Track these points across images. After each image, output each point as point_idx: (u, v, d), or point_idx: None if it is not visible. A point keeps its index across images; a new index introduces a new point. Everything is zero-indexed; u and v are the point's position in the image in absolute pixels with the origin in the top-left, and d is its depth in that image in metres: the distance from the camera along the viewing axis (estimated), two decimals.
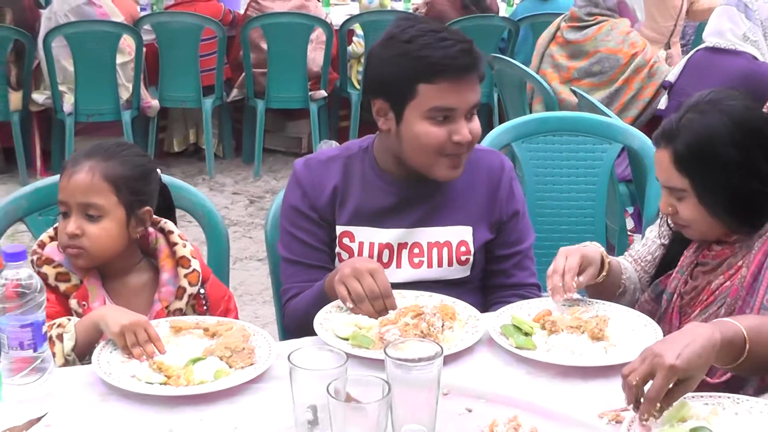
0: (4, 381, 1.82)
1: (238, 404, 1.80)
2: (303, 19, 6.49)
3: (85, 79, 6.19)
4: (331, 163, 2.42)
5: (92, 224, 2.19)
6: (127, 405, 1.79)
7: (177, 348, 1.98)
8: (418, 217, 2.39)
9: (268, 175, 6.72)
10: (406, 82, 2.23)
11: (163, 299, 2.27)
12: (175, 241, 2.32)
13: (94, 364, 1.89)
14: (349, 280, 2.08)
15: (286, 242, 2.43)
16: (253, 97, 6.64)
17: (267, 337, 2.01)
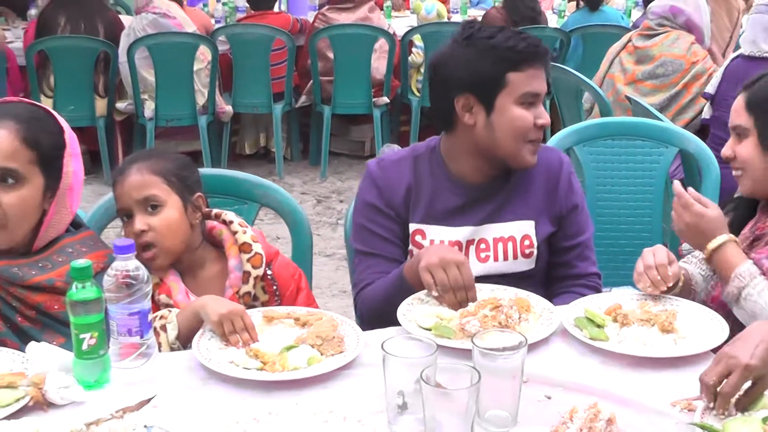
0: (113, 365, 1.84)
1: (330, 389, 1.80)
2: (367, 30, 6.49)
3: (165, 87, 6.24)
4: (401, 163, 2.44)
5: (155, 217, 2.23)
6: (227, 388, 1.80)
7: (270, 336, 1.99)
8: (484, 215, 2.39)
9: (334, 176, 6.73)
10: (495, 73, 2.28)
11: (233, 285, 2.29)
12: (236, 230, 2.34)
13: (195, 350, 1.91)
14: (436, 269, 2.07)
15: (362, 237, 2.44)
16: (320, 103, 6.65)
17: (354, 327, 2.01)
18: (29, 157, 2.03)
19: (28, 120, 2.05)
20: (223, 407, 1.73)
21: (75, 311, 1.78)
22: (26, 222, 2.06)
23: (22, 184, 2.03)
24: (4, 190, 2.01)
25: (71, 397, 1.75)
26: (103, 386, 1.81)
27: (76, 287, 1.77)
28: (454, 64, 2.33)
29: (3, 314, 2.05)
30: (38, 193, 2.06)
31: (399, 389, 1.62)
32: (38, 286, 2.05)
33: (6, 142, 2.00)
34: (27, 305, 2.06)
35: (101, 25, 6.49)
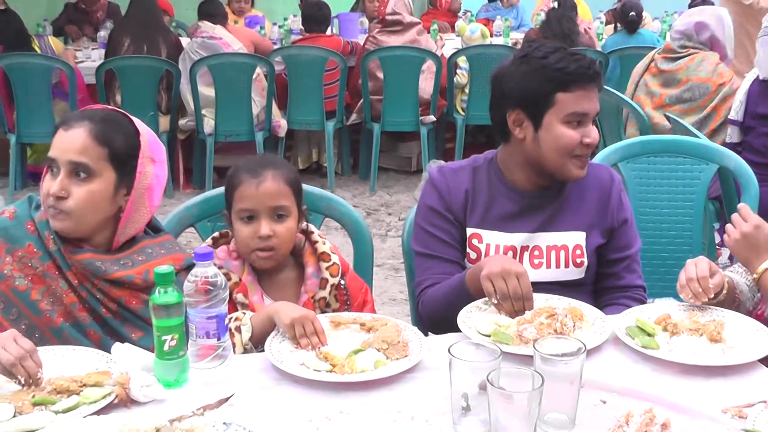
0: (191, 365, 1.87)
1: (396, 391, 1.81)
2: (415, 52, 6.52)
3: (224, 104, 6.31)
4: (461, 171, 2.46)
5: (280, 225, 2.26)
6: (299, 389, 1.82)
7: (338, 340, 2.01)
8: (538, 223, 2.40)
9: (382, 190, 6.74)
10: (544, 92, 2.29)
11: (309, 290, 2.31)
12: (316, 239, 2.37)
13: (267, 352, 1.93)
14: (497, 279, 2.07)
15: (422, 239, 2.45)
16: (370, 120, 6.69)
17: (417, 332, 2.02)
18: (100, 154, 2.07)
19: (101, 121, 2.11)
20: (296, 406, 1.74)
21: (158, 314, 1.81)
22: (95, 214, 2.10)
23: (93, 179, 2.07)
24: (75, 183, 2.06)
25: (153, 395, 1.78)
26: (182, 385, 1.84)
27: (159, 292, 1.80)
28: (509, 79, 2.36)
29: (88, 305, 2.10)
30: (108, 189, 2.10)
31: (463, 392, 1.62)
32: (119, 281, 2.10)
33: (79, 138, 2.06)
34: (110, 298, 2.11)
35: (163, 47, 6.61)
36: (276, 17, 9.04)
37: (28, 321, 2.05)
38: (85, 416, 1.66)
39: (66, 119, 2.12)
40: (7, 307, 2.04)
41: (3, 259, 2.05)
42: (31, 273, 2.07)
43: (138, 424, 1.55)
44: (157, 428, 1.55)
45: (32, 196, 2.19)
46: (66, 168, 2.06)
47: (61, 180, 2.05)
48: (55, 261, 2.08)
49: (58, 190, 2.04)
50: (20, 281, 2.05)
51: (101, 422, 1.58)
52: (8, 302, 2.04)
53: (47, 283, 2.07)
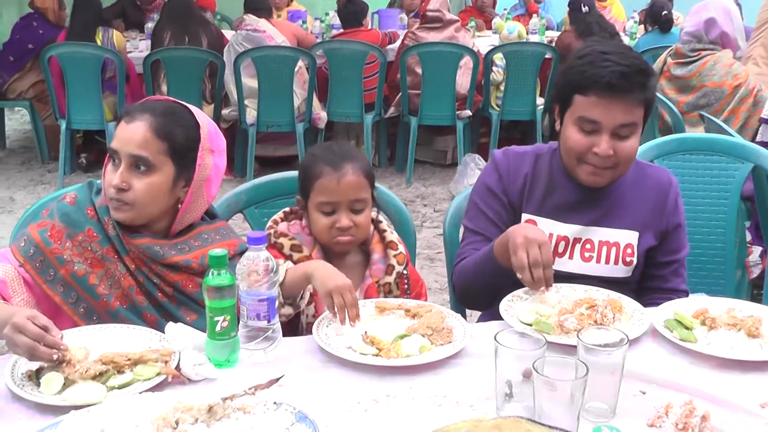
0: (242, 346, 1.87)
1: (440, 376, 1.80)
2: (454, 48, 6.49)
3: (266, 95, 6.34)
4: (524, 156, 2.45)
5: (359, 216, 2.28)
6: (345, 372, 1.82)
7: (383, 325, 2.01)
8: (592, 218, 2.37)
9: (418, 182, 6.73)
10: (567, 91, 2.27)
11: (374, 275, 2.33)
12: (384, 229, 2.40)
13: (315, 335, 1.93)
14: (520, 251, 2.05)
15: (473, 216, 2.45)
16: (408, 114, 6.68)
17: (460, 319, 2.02)
18: (159, 148, 2.08)
19: (162, 114, 2.10)
20: (344, 388, 1.75)
21: (210, 296, 1.82)
22: (154, 205, 2.11)
23: (152, 172, 2.08)
24: (136, 176, 2.07)
25: (204, 374, 1.79)
26: (233, 365, 1.85)
27: (213, 274, 1.81)
28: (557, 75, 2.37)
29: (145, 289, 2.11)
30: (167, 181, 2.10)
31: (507, 379, 1.62)
32: (176, 265, 2.11)
33: (139, 132, 2.07)
34: (166, 282, 2.12)
35: (205, 38, 6.66)
36: (317, 12, 9.05)
37: (86, 304, 2.06)
38: (140, 392, 1.67)
39: (128, 111, 2.12)
40: (67, 291, 2.06)
41: (63, 244, 2.07)
42: (90, 257, 2.08)
43: (191, 402, 1.55)
44: (210, 406, 1.55)
45: (92, 181, 2.20)
46: (127, 160, 2.07)
47: (121, 172, 2.06)
48: (114, 245, 2.10)
49: (119, 182, 2.06)
50: (79, 266, 2.07)
51: (156, 399, 1.59)
52: (68, 286, 2.06)
53: (106, 267, 2.09)
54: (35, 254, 2.06)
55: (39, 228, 2.09)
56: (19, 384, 1.72)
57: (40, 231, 2.08)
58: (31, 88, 7.04)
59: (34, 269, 2.06)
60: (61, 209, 2.11)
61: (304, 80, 6.47)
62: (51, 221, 2.10)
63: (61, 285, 2.06)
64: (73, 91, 6.42)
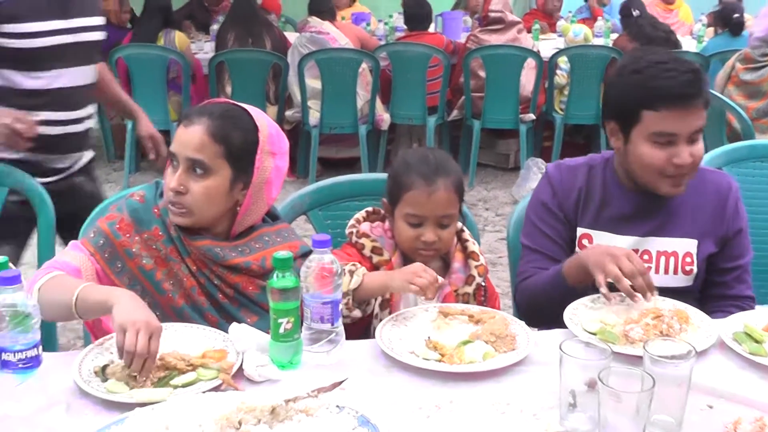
0: (305, 348, 1.89)
1: (504, 383, 1.79)
2: (517, 51, 6.46)
3: (330, 97, 6.38)
4: (578, 168, 2.42)
5: (445, 231, 2.27)
6: (408, 376, 1.82)
7: (447, 330, 2.00)
8: (649, 228, 2.33)
9: (480, 185, 6.71)
10: (632, 108, 2.21)
11: (453, 283, 2.32)
12: (467, 239, 2.39)
13: (378, 339, 1.93)
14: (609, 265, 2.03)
15: (530, 233, 2.43)
16: (470, 117, 6.66)
17: (524, 327, 2.00)
18: (216, 151, 2.09)
19: (219, 117, 2.12)
20: (406, 393, 1.75)
21: (274, 298, 1.83)
22: (211, 209, 2.13)
23: (209, 175, 2.10)
24: (193, 179, 2.09)
25: (267, 375, 1.80)
26: (296, 367, 1.86)
27: (277, 276, 1.82)
28: (610, 89, 2.33)
29: (206, 290, 2.13)
30: (225, 184, 2.12)
31: (571, 388, 1.60)
32: (237, 267, 2.13)
33: (197, 136, 2.09)
34: (226, 284, 2.14)
35: (267, 40, 6.73)
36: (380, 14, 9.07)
37: (151, 299, 2.09)
38: (204, 392, 1.69)
39: (187, 114, 2.14)
40: (133, 284, 2.09)
41: (132, 238, 2.11)
42: (155, 255, 2.11)
43: (255, 403, 1.57)
44: (273, 407, 1.56)
45: (159, 181, 2.23)
46: (184, 164, 2.09)
47: (179, 176, 2.09)
48: (176, 246, 2.13)
49: (177, 185, 2.08)
50: (147, 260, 2.10)
51: (219, 398, 1.61)
52: (134, 279, 2.10)
53: (169, 266, 2.12)
54: (104, 245, 2.10)
55: (108, 221, 2.13)
56: (86, 380, 1.76)
57: (109, 223, 2.12)
58: None
59: (103, 259, 2.10)
60: (131, 205, 2.15)
61: (368, 82, 6.50)
62: (120, 215, 2.14)
63: (127, 277, 2.10)
64: (138, 92, 6.52)
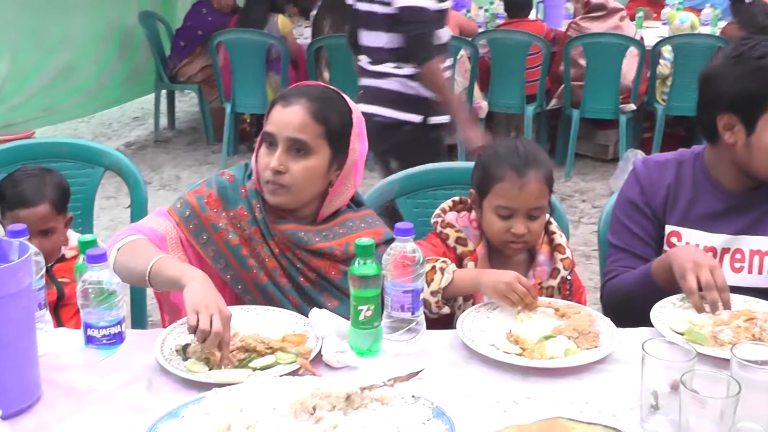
0: (384, 336, 1.88)
1: (584, 381, 1.75)
2: (619, 39, 6.30)
3: None
4: (666, 164, 2.34)
5: (534, 223, 2.23)
6: (487, 369, 1.80)
7: (530, 324, 1.97)
8: (742, 225, 2.25)
9: (577, 176, 6.59)
10: (760, 94, 2.11)
11: (537, 276, 2.28)
12: (554, 231, 2.34)
13: (459, 330, 1.92)
14: (689, 274, 1.97)
15: (617, 231, 2.37)
16: (570, 106, 6.55)
17: (609, 324, 1.95)
18: (317, 131, 2.11)
19: (318, 98, 2.13)
20: (484, 386, 1.73)
21: (355, 284, 1.83)
22: (310, 189, 2.14)
23: (310, 155, 2.11)
24: (293, 159, 2.10)
25: (346, 362, 1.81)
26: (375, 355, 1.86)
27: (359, 263, 1.82)
28: (722, 81, 2.18)
29: (288, 272, 2.15)
30: (324, 165, 2.13)
31: (653, 389, 1.56)
32: (320, 251, 2.15)
33: (298, 116, 2.10)
34: (309, 268, 2.15)
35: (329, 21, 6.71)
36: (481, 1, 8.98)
37: (234, 272, 2.13)
38: (281, 375, 1.70)
39: (284, 95, 2.16)
40: (217, 256, 2.13)
41: (219, 213, 2.14)
42: (239, 233, 2.14)
43: (330, 389, 1.57)
44: (348, 394, 1.56)
45: (248, 163, 2.26)
46: (284, 144, 2.10)
47: (279, 155, 2.10)
48: (260, 228, 2.15)
49: (277, 165, 2.09)
50: (233, 236, 2.13)
51: (295, 383, 1.62)
52: (218, 252, 2.13)
53: (252, 246, 2.14)
54: (190, 216, 2.14)
55: (196, 194, 2.17)
56: (167, 358, 1.79)
57: (197, 197, 2.16)
58: (199, 72, 7.34)
59: (188, 230, 2.14)
60: (220, 183, 2.18)
61: (466, 69, 6.45)
62: (209, 190, 2.17)
63: (212, 249, 2.13)
64: (238, 76, 6.65)
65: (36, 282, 1.78)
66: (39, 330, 1.77)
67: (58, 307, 2.56)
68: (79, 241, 1.93)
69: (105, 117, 8.37)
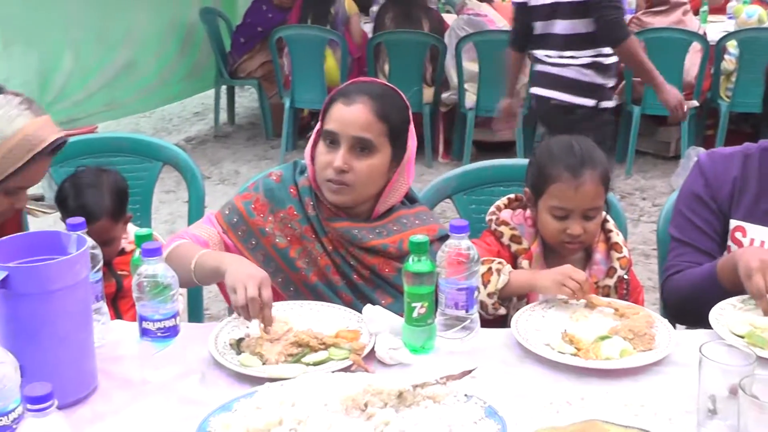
0: (438, 334, 1.87)
1: (640, 383, 1.72)
2: (682, 34, 6.20)
3: (486, 80, 6.31)
4: (732, 157, 2.29)
5: (590, 223, 2.20)
6: (541, 369, 1.78)
7: (585, 324, 1.95)
8: None
9: (638, 174, 6.48)
10: None
11: (594, 275, 2.25)
12: (610, 229, 2.31)
13: (513, 329, 1.90)
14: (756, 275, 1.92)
15: (681, 224, 2.32)
16: (630, 103, 6.45)
17: (667, 325, 1.92)
18: (381, 130, 2.11)
19: (379, 96, 2.13)
20: (537, 386, 1.71)
21: (409, 281, 1.82)
22: (371, 187, 2.15)
23: (373, 154, 2.11)
24: (357, 158, 2.10)
25: (399, 359, 1.80)
26: (428, 352, 1.85)
27: (413, 260, 1.82)
28: None
29: (342, 270, 2.16)
30: (386, 163, 2.14)
31: (711, 394, 1.52)
32: (374, 249, 2.14)
33: (362, 115, 2.09)
34: (363, 265, 2.15)
35: (425, 22, 6.74)
36: None
37: (284, 275, 2.14)
38: (333, 371, 1.70)
39: (345, 92, 2.15)
40: (267, 261, 2.14)
41: (266, 217, 2.16)
42: (289, 233, 2.15)
43: (382, 386, 1.56)
44: (401, 392, 1.56)
45: (298, 161, 2.27)
46: (348, 143, 2.10)
47: (343, 154, 2.09)
48: (313, 225, 2.15)
49: (342, 163, 2.09)
50: (280, 239, 2.15)
51: (347, 379, 1.62)
52: (267, 256, 2.14)
53: (304, 245, 2.15)
54: (238, 222, 2.16)
55: (243, 199, 2.19)
56: (221, 352, 1.81)
57: (245, 202, 2.18)
58: (259, 68, 7.40)
59: (236, 237, 2.16)
60: (267, 185, 2.20)
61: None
62: (256, 194, 2.19)
63: (261, 254, 2.14)
64: (297, 72, 6.68)
65: (93, 275, 1.81)
66: (96, 322, 1.80)
67: (117, 299, 2.60)
68: (135, 235, 1.96)
69: (166, 112, 8.48)
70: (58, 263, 1.61)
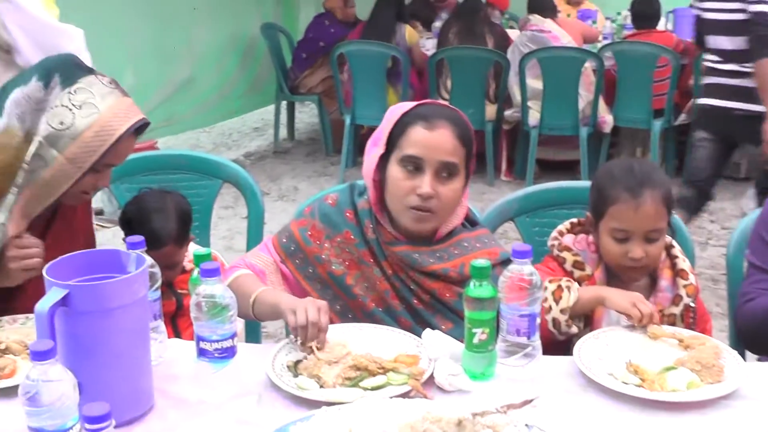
0: (499, 360, 1.86)
1: (708, 417, 1.69)
2: None
3: (550, 97, 6.30)
4: None
5: (652, 246, 2.17)
6: (604, 399, 1.76)
7: (650, 354, 1.92)
8: None
9: None
10: None
11: (659, 303, 2.21)
12: (676, 255, 2.27)
13: (575, 357, 1.88)
14: None
15: (759, 249, 2.28)
16: None
17: (737, 357, 1.88)
18: (462, 154, 2.12)
19: (458, 121, 2.14)
20: (601, 417, 1.69)
21: (470, 307, 1.81)
22: (450, 211, 2.17)
23: (454, 178, 2.12)
24: (442, 182, 2.11)
25: (458, 385, 1.79)
26: (488, 379, 1.84)
27: (474, 284, 1.81)
28: None
29: (401, 294, 2.15)
30: (462, 186, 2.15)
31: None
32: (434, 273, 2.14)
33: (449, 140, 2.10)
34: (423, 289, 2.15)
35: (489, 38, 6.77)
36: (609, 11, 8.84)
37: (342, 303, 2.15)
38: (392, 397, 1.70)
39: (422, 116, 2.13)
40: (324, 288, 2.15)
41: (322, 244, 2.17)
42: (347, 258, 2.16)
43: (441, 413, 1.56)
44: (460, 420, 1.55)
45: (354, 183, 2.27)
46: (434, 168, 2.09)
47: (430, 180, 2.09)
48: (372, 249, 2.16)
49: (431, 190, 2.09)
50: (337, 266, 2.15)
51: (406, 405, 1.62)
52: (324, 284, 2.16)
53: (362, 269, 2.15)
54: (295, 251, 2.18)
55: (300, 226, 2.20)
56: (278, 374, 1.82)
57: (301, 229, 2.20)
58: (320, 84, 7.48)
59: (294, 265, 2.18)
60: (322, 210, 2.21)
61: (590, 82, 6.36)
62: (312, 221, 2.20)
63: (318, 282, 2.16)
64: (358, 88, 6.73)
65: (152, 293, 1.83)
66: (153, 340, 1.83)
67: (176, 317, 2.63)
68: (195, 255, 1.99)
69: (226, 127, 8.60)
70: (117, 282, 1.64)
